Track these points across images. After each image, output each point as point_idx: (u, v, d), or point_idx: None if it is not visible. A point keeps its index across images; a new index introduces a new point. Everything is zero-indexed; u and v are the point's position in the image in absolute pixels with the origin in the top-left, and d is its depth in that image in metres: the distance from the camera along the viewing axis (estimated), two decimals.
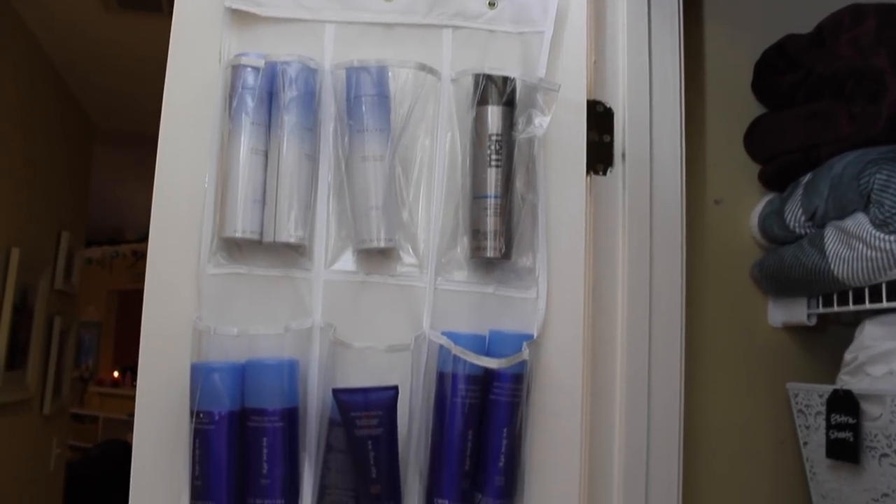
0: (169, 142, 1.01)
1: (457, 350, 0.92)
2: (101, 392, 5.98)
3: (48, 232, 2.79)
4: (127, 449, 1.00)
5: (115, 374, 5.98)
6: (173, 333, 0.97)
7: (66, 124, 2.95)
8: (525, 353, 0.93)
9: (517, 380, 0.95)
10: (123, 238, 5.81)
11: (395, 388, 0.91)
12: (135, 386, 0.99)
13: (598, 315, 1.09)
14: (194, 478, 0.92)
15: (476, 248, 0.98)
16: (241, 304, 0.98)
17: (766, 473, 1.30)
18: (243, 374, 0.94)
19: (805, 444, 1.26)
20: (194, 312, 0.96)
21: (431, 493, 0.94)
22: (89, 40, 2.54)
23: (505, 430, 0.94)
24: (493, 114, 0.99)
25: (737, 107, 1.37)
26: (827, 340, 1.34)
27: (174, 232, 0.99)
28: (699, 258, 1.27)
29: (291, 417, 0.93)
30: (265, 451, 0.91)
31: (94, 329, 6.01)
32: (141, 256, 5.24)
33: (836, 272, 1.14)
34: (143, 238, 1.07)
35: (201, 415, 0.92)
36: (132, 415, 0.98)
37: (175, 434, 0.95)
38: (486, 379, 0.95)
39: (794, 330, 1.33)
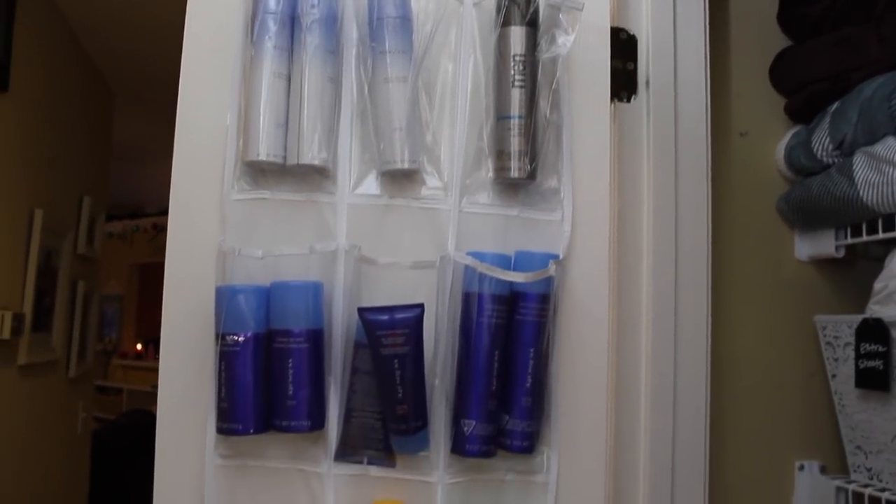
0: (191, 68, 1.00)
1: (482, 267, 0.92)
2: (125, 364, 6.04)
3: (70, 196, 2.80)
4: (151, 418, 1.00)
5: (139, 346, 6.03)
6: (198, 259, 0.97)
7: (86, 89, 2.95)
8: (552, 269, 0.93)
9: (543, 300, 0.94)
10: (143, 212, 5.84)
11: (421, 306, 0.90)
12: (157, 359, 0.99)
13: (623, 242, 1.08)
14: (220, 400, 0.92)
15: (500, 169, 0.97)
16: (266, 229, 0.97)
17: (793, 407, 1.29)
18: (268, 296, 0.94)
19: (833, 376, 1.25)
20: (218, 238, 0.96)
21: (458, 414, 0.93)
22: (108, 2, 2.54)
23: (531, 350, 0.94)
24: (516, 34, 0.98)
25: (762, 39, 1.35)
26: (854, 275, 1.32)
27: (197, 158, 0.99)
28: (725, 191, 1.26)
29: (317, 339, 0.93)
30: (291, 372, 0.91)
31: (117, 302, 6.05)
32: (161, 230, 5.26)
33: (865, 198, 1.12)
34: (164, 212, 1.07)
35: (227, 337, 0.92)
36: (156, 386, 0.98)
37: (201, 359, 0.96)
38: (511, 299, 0.94)
39: (821, 264, 1.32)
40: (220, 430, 0.93)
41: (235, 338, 0.91)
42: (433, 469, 0.95)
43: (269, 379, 0.92)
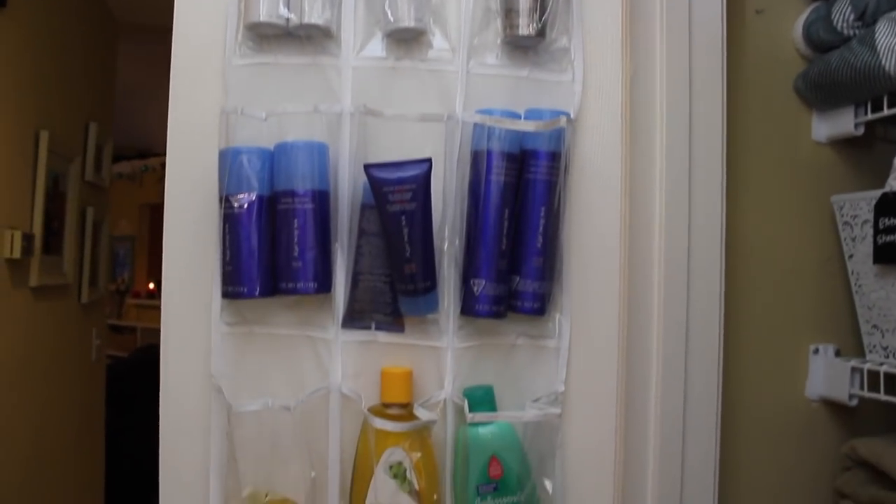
0: None
1: (492, 120, 0.89)
2: (138, 304, 6.08)
3: (76, 122, 2.77)
4: None
5: (151, 286, 6.07)
6: (200, 126, 0.95)
7: (88, 15, 2.91)
8: (562, 121, 0.90)
9: (554, 158, 0.92)
10: (152, 151, 5.83)
11: (429, 161, 0.88)
12: None
13: (636, 110, 1.05)
14: (225, 263, 0.91)
15: (509, 27, 0.94)
16: (269, 94, 0.95)
17: (808, 291, 1.27)
18: (272, 159, 0.92)
19: (850, 257, 1.22)
20: (221, 103, 0.94)
21: (468, 275, 0.92)
22: None
23: (542, 209, 0.92)
24: None
25: None
26: (872, 157, 1.29)
27: (198, 23, 0.97)
28: (739, 70, 1.22)
29: (322, 201, 0.91)
30: (296, 233, 0.90)
31: (128, 243, 6.07)
32: None
33: (888, 67, 1.09)
34: None
35: (230, 199, 0.90)
36: None
37: (206, 227, 0.94)
38: (522, 158, 0.92)
39: (839, 145, 1.28)
40: (225, 294, 0.92)
41: (239, 199, 0.90)
42: (442, 334, 0.94)
43: (275, 241, 0.91)
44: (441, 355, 0.94)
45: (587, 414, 0.96)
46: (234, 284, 0.90)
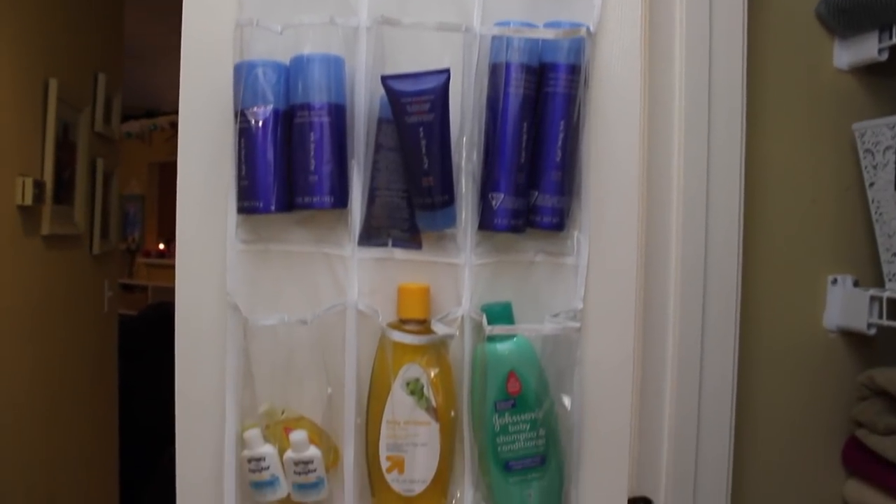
0: None
1: (510, 30, 0.88)
2: (149, 263, 6.10)
3: (84, 71, 2.76)
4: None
5: (161, 245, 6.08)
6: (215, 38, 0.94)
7: None
8: (582, 31, 0.88)
9: (574, 71, 0.90)
10: (160, 110, 5.80)
11: (447, 71, 0.86)
12: None
13: (655, 28, 1.03)
14: (240, 178, 0.90)
15: None
16: (285, 6, 0.93)
17: (827, 221, 1.25)
18: (288, 73, 0.90)
19: (871, 185, 1.21)
20: (236, 16, 0.92)
21: (486, 189, 0.90)
22: None
23: (562, 122, 0.90)
24: None
25: None
26: (895, 84, 1.27)
27: None
28: None
29: (338, 114, 0.90)
30: (312, 146, 0.89)
31: (138, 202, 6.08)
32: None
33: None
34: None
35: (246, 113, 0.89)
36: None
37: (221, 143, 0.93)
38: (541, 71, 0.90)
39: (860, 72, 1.26)
40: (240, 210, 0.91)
41: (255, 112, 0.88)
42: (460, 250, 0.93)
43: (291, 156, 0.90)
44: (458, 272, 0.93)
45: (605, 332, 0.95)
46: (250, 199, 0.90)
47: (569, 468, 0.94)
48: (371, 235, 0.93)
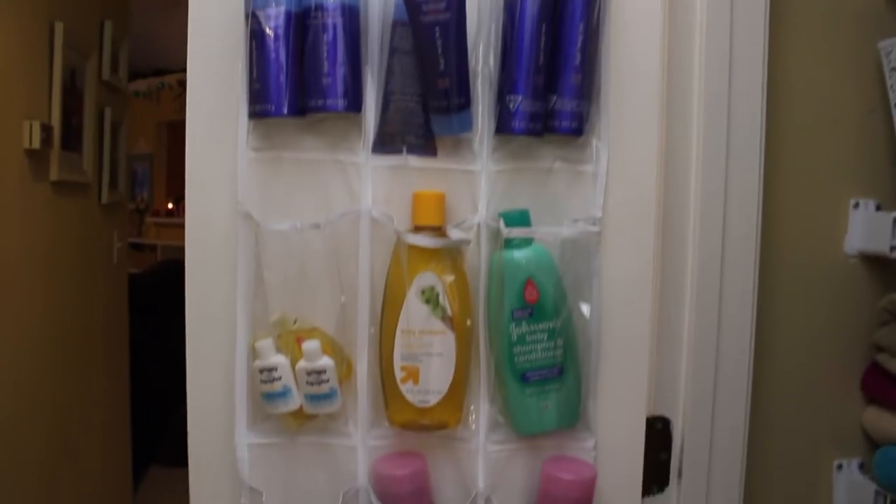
0: None
1: None
2: (158, 222, 6.09)
3: (90, 17, 2.72)
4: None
5: (170, 205, 6.07)
6: None
7: None
8: None
9: None
10: (168, 69, 5.76)
11: None
12: None
13: None
14: (252, 82, 0.87)
15: None
16: None
17: (849, 144, 1.22)
18: None
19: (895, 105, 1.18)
20: None
21: (503, 91, 0.88)
22: None
23: (581, 24, 0.87)
24: None
25: None
26: None
27: None
28: None
29: (352, 15, 0.87)
30: (325, 48, 0.86)
31: (146, 161, 6.06)
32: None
33: None
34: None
35: (257, 15, 0.86)
36: None
37: (231, 46, 0.91)
38: None
39: None
40: (252, 114, 0.89)
41: (267, 13, 0.86)
42: (476, 157, 0.91)
43: (303, 58, 0.87)
44: (475, 179, 0.91)
45: (624, 241, 0.93)
46: (262, 103, 0.87)
47: (586, 381, 0.93)
48: (385, 142, 0.91)
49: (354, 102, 0.88)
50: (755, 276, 1.09)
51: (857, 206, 1.21)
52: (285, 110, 0.87)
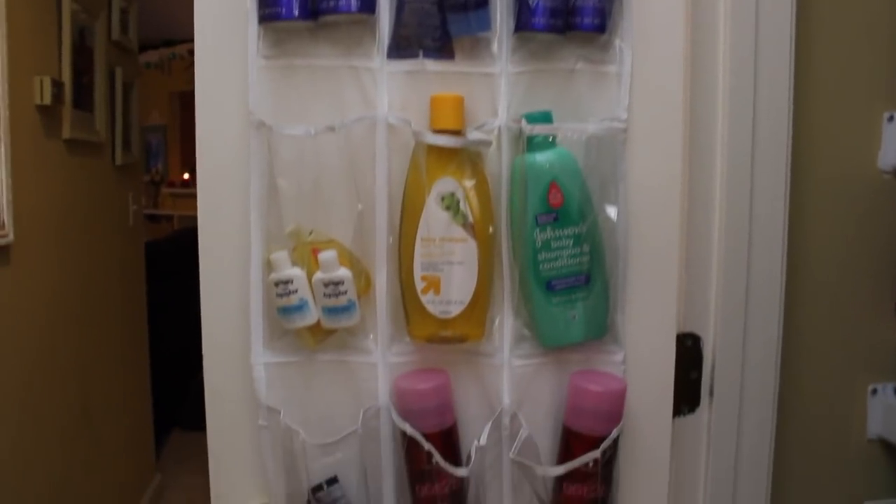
0: None
1: None
2: (173, 193, 6.09)
3: None
4: None
5: (185, 175, 6.06)
6: None
7: None
8: None
9: None
10: (178, 38, 5.72)
11: None
12: None
13: None
14: None
15: None
16: None
17: (885, 54, 1.17)
18: None
19: None
20: None
21: None
22: None
23: None
24: None
25: None
26: None
27: None
28: None
29: None
30: None
31: (160, 133, 6.04)
32: None
33: None
34: None
35: None
36: None
37: None
38: None
39: None
40: (262, 18, 0.85)
41: None
42: (495, 59, 0.87)
43: None
44: (494, 82, 0.87)
45: (651, 144, 0.89)
46: (271, 6, 0.84)
47: (614, 291, 0.89)
48: (401, 46, 0.87)
49: (367, 2, 0.84)
50: (786, 191, 1.05)
51: (891, 119, 1.16)
52: (296, 12, 0.83)
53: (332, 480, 0.92)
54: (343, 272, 0.86)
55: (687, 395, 1.01)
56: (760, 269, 1.04)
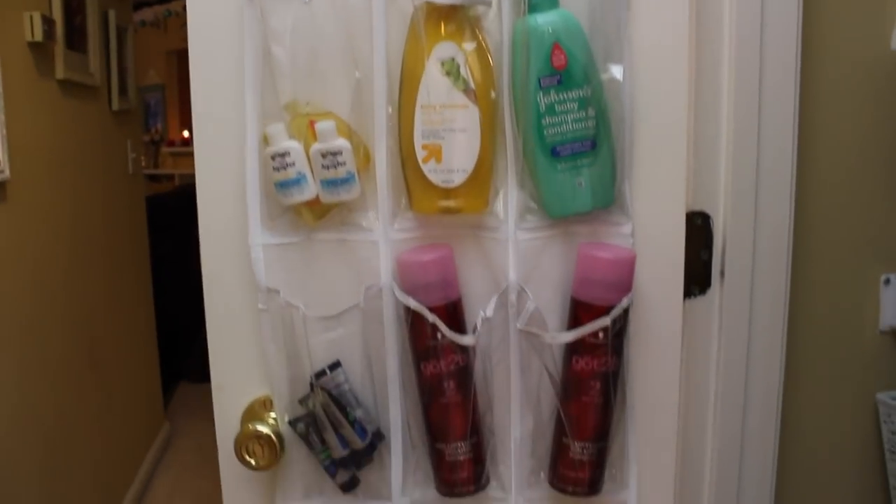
0: None
1: None
2: (173, 152, 6.05)
3: None
4: None
5: (185, 133, 6.01)
6: None
7: None
8: None
9: None
10: None
11: None
12: None
13: None
14: None
15: None
16: None
17: None
18: None
19: None
20: None
21: None
22: None
23: None
24: None
25: None
26: None
27: None
28: None
29: None
30: None
31: (158, 92, 5.98)
32: None
33: None
34: None
35: None
36: None
37: None
38: None
39: None
40: None
41: None
42: None
43: None
44: None
45: (657, 2, 0.86)
46: None
47: (621, 158, 0.86)
48: None
49: None
50: (797, 65, 1.02)
51: None
52: None
53: (335, 365, 0.90)
54: (341, 142, 0.83)
55: (697, 275, 0.99)
56: (771, 146, 1.01)
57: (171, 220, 3.66)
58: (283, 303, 0.87)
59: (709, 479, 1.03)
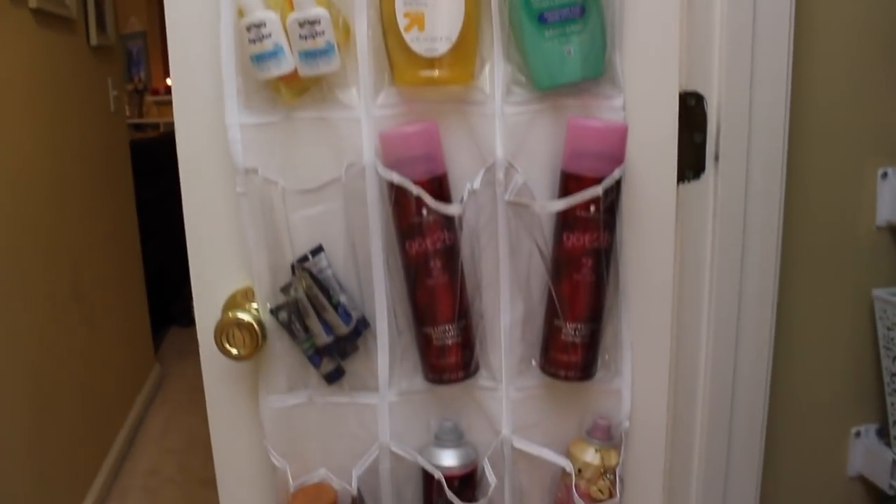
0: None
1: None
2: (158, 101, 5.95)
3: None
4: None
5: (168, 81, 5.90)
6: None
7: None
8: None
9: None
10: None
11: None
12: None
13: None
14: None
15: None
16: None
17: None
18: None
19: None
20: None
21: None
22: None
23: None
24: None
25: None
26: None
27: None
28: None
29: None
30: None
31: (140, 40, 5.86)
32: None
33: None
34: None
35: None
36: None
37: None
38: None
39: None
40: None
41: None
42: None
43: None
44: None
45: None
46: None
47: (611, 27, 0.83)
48: None
49: None
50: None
51: None
52: None
53: (318, 250, 0.87)
54: (319, 10, 0.79)
55: (691, 159, 0.96)
56: (767, 24, 0.98)
57: (157, 165, 3.60)
58: (260, 181, 0.84)
59: (703, 366, 1.02)
